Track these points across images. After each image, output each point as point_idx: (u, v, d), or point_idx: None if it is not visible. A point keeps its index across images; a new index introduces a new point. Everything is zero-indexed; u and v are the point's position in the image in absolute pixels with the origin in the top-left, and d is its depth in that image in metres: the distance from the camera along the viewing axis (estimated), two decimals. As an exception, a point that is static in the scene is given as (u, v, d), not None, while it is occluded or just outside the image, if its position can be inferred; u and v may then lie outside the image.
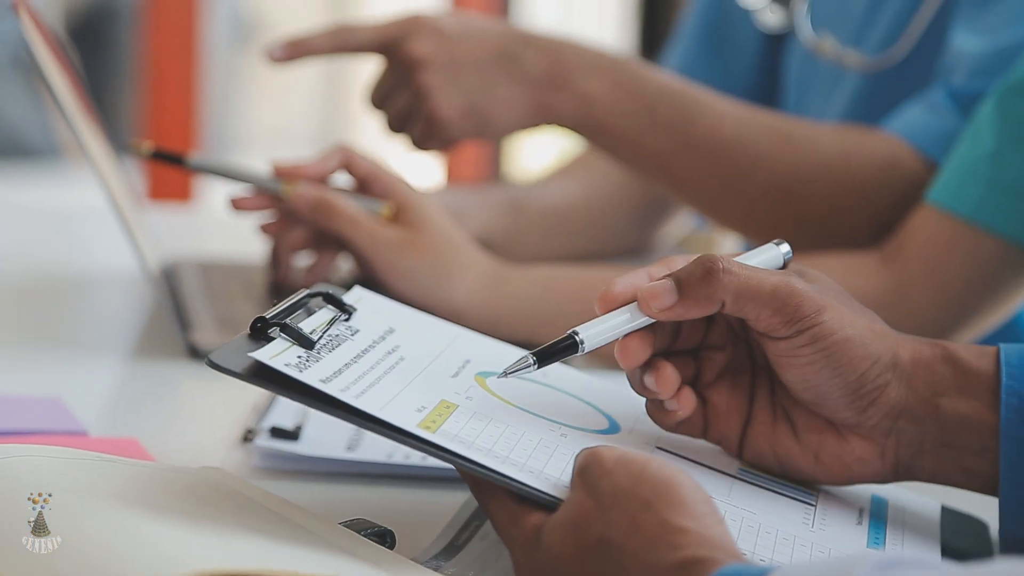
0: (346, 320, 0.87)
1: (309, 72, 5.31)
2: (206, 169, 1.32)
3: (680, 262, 0.85)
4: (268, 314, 0.82)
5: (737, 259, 0.85)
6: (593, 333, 0.85)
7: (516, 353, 0.92)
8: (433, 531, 0.84)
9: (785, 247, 0.88)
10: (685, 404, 0.85)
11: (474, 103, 1.36)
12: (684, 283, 0.83)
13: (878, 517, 0.85)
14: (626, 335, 0.84)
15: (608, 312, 0.85)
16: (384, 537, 0.79)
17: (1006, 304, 1.25)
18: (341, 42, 1.37)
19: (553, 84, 1.37)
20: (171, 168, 1.31)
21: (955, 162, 1.22)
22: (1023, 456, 0.82)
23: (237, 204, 1.27)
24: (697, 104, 1.37)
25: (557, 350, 0.84)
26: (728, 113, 1.37)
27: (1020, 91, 1.18)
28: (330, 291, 0.88)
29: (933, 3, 1.40)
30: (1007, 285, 1.23)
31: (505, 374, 0.84)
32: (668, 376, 0.85)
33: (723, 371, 0.87)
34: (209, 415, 1.11)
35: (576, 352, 0.85)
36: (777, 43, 1.61)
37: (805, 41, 1.52)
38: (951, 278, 1.22)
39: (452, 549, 0.82)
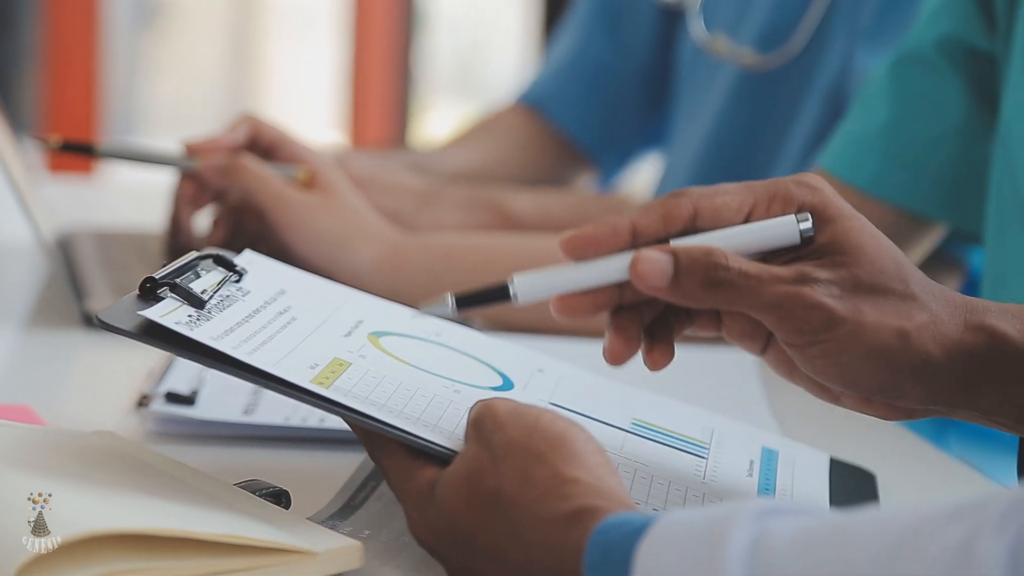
0: (236, 282, 0.87)
1: (212, 52, 5.27)
2: (117, 155, 1.31)
3: (682, 210, 0.77)
4: (158, 274, 0.82)
5: (746, 227, 0.77)
6: (531, 286, 0.77)
7: (407, 314, 0.92)
8: (330, 492, 0.84)
9: (807, 223, 0.76)
10: (653, 362, 0.79)
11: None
12: (682, 271, 0.75)
13: (768, 468, 0.86)
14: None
15: (575, 258, 0.76)
16: (279, 497, 0.79)
17: None
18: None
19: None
20: (82, 156, 1.31)
21: (847, 131, 1.22)
22: None
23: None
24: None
25: (483, 296, 0.78)
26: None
27: (913, 61, 1.18)
28: (220, 253, 0.88)
29: (820, 7, 1.41)
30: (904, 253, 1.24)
31: (419, 311, 0.78)
32: (617, 351, 0.79)
33: None
34: (104, 382, 1.10)
35: (508, 302, 0.77)
36: (673, 20, 1.61)
37: (696, 38, 1.52)
38: None
39: (348, 509, 0.82)
